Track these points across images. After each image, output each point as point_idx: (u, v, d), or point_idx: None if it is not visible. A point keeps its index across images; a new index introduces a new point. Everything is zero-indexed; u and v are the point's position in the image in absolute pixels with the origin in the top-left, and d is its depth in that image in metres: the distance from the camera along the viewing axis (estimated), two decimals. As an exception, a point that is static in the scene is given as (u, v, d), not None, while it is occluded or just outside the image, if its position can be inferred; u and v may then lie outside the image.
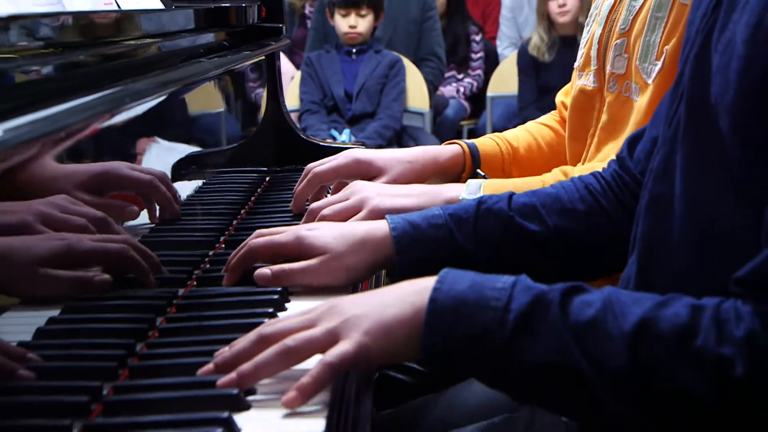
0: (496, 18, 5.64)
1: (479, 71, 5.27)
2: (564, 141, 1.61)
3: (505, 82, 4.93)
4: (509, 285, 0.87)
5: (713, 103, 0.88)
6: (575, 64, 1.55)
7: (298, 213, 1.47)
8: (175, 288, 1.14)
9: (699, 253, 0.91)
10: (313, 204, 1.35)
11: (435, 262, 1.14)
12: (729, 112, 0.85)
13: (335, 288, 1.15)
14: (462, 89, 5.23)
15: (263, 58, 1.84)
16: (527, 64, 4.59)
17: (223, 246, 1.35)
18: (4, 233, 0.88)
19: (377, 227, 1.16)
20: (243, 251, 1.16)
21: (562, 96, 1.68)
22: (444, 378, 1.37)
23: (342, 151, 1.58)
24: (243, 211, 1.54)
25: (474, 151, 1.55)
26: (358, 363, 0.87)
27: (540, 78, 4.55)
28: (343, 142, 3.87)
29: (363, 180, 1.42)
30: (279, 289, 1.12)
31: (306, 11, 5.34)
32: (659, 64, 1.32)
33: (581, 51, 1.53)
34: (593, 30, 1.49)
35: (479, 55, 5.27)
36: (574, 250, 1.21)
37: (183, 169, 1.44)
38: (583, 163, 1.48)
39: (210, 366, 0.88)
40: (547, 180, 1.37)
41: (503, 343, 0.84)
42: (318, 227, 1.19)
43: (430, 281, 0.89)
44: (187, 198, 1.46)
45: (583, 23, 1.63)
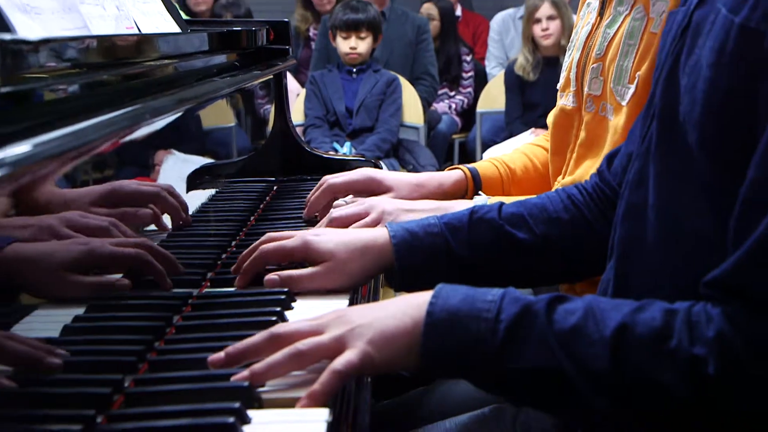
0: (484, 40, 5.64)
1: (469, 89, 5.27)
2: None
3: (493, 98, 4.93)
4: (498, 297, 0.87)
5: (682, 121, 0.88)
6: (558, 85, 1.55)
7: (307, 220, 1.47)
8: (191, 289, 1.14)
9: (671, 258, 0.91)
10: (334, 212, 1.35)
11: (431, 267, 1.14)
12: (696, 128, 0.85)
13: (338, 290, 1.16)
14: (454, 105, 5.23)
15: (271, 77, 1.85)
16: (513, 82, 4.58)
17: (235, 249, 1.34)
18: (32, 240, 0.87)
19: (378, 235, 1.16)
20: (254, 256, 1.15)
21: (551, 118, 1.68)
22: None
23: (349, 166, 1.59)
24: (252, 218, 1.54)
25: (475, 176, 1.56)
26: (363, 371, 0.88)
27: (525, 95, 4.55)
28: (344, 154, 3.87)
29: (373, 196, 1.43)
30: (286, 290, 1.12)
31: (310, 34, 5.34)
32: (632, 87, 1.32)
33: (563, 74, 1.53)
34: (573, 54, 1.49)
35: (469, 74, 5.28)
36: (558, 255, 1.21)
37: (198, 179, 1.44)
38: (564, 176, 1.49)
39: (221, 354, 0.88)
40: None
41: (495, 351, 0.85)
42: (323, 233, 1.19)
43: (426, 296, 0.90)
44: (202, 205, 1.45)
45: (565, 45, 1.63)
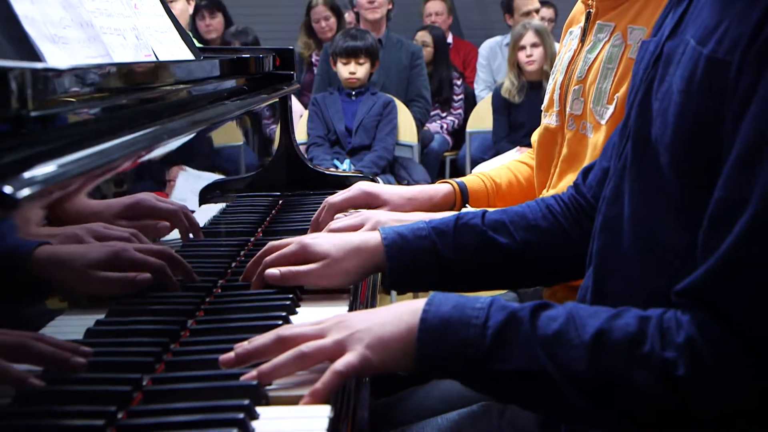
0: (474, 65, 5.62)
1: (460, 110, 5.26)
2: None
3: (482, 119, 4.91)
4: (486, 305, 0.87)
5: (654, 142, 0.88)
6: (542, 106, 1.55)
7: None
8: (203, 295, 1.14)
9: (644, 268, 0.91)
10: (332, 224, 1.35)
11: (419, 267, 1.15)
12: (667, 149, 0.85)
13: (337, 290, 1.16)
14: (445, 125, 5.22)
15: (277, 100, 1.84)
16: (500, 104, 4.57)
17: (244, 259, 1.34)
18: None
19: (371, 237, 1.17)
20: (256, 259, 1.17)
21: (536, 136, 1.69)
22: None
23: (348, 182, 1.60)
24: (260, 230, 1.54)
25: (463, 189, 1.56)
26: (362, 372, 0.88)
27: (511, 116, 4.54)
28: (344, 170, 3.86)
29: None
30: (290, 296, 1.12)
31: (313, 59, 5.32)
32: (611, 108, 1.33)
33: (547, 95, 1.53)
34: (557, 77, 1.50)
35: (460, 97, 5.26)
36: (537, 259, 1.20)
37: (209, 194, 1.44)
38: (548, 189, 1.49)
39: (231, 355, 0.89)
40: None
41: (483, 354, 0.85)
42: (319, 236, 1.20)
43: (420, 303, 0.90)
44: (213, 218, 1.46)
45: (548, 71, 1.64)
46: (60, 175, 0.71)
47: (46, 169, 0.69)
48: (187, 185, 1.32)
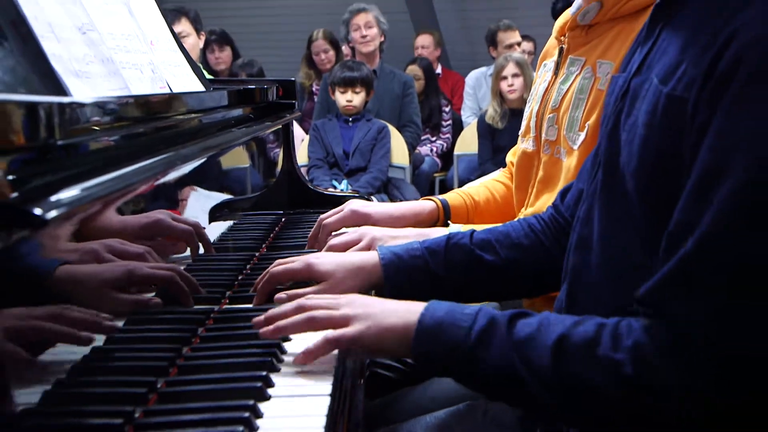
0: (461, 94, 5.62)
1: (448, 135, 5.25)
2: (513, 193, 1.63)
3: (468, 143, 4.91)
4: (474, 312, 0.90)
5: (622, 170, 0.89)
6: (519, 131, 1.56)
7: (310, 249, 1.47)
8: (212, 305, 1.14)
9: (611, 284, 0.92)
10: (332, 241, 1.35)
11: (414, 285, 1.15)
12: (633, 177, 0.86)
13: None
14: (435, 149, 5.21)
15: (280, 126, 1.84)
16: (485, 129, 4.58)
17: (250, 272, 1.34)
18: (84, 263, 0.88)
19: (370, 257, 1.17)
20: (266, 278, 1.17)
21: (510, 156, 1.68)
22: (420, 375, 1.38)
23: (346, 201, 1.60)
24: (264, 245, 1.54)
25: (446, 206, 1.57)
26: (352, 345, 0.93)
27: (494, 141, 4.54)
28: (342, 190, 3.85)
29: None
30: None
31: (313, 89, 5.32)
32: (582, 134, 1.33)
33: (524, 122, 1.54)
34: (533, 106, 1.50)
35: (448, 123, 5.26)
36: (520, 274, 1.21)
37: (218, 212, 1.44)
38: (526, 208, 1.49)
39: (261, 317, 0.97)
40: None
41: (467, 352, 0.88)
42: (323, 256, 1.20)
43: (420, 305, 0.93)
44: (221, 234, 1.46)
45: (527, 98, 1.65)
46: (84, 198, 0.71)
47: (71, 193, 0.69)
48: (198, 204, 1.32)
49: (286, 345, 0.98)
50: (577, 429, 0.93)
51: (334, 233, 1.45)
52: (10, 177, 0.62)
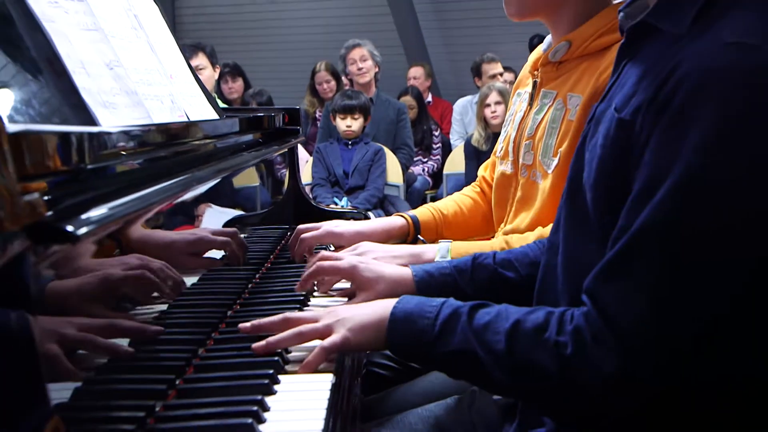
0: (449, 120, 5.62)
1: (438, 156, 5.24)
2: (480, 207, 1.62)
3: (456, 163, 4.90)
4: (439, 303, 0.92)
5: (584, 184, 0.90)
6: (498, 153, 1.55)
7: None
8: (225, 310, 1.14)
9: (570, 280, 0.93)
10: (337, 255, 1.33)
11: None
12: (590, 190, 0.87)
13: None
14: (426, 169, 5.21)
15: (286, 150, 1.84)
16: (471, 151, 4.57)
17: (258, 280, 1.34)
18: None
19: (405, 273, 1.18)
20: (312, 269, 1.19)
21: (482, 170, 1.68)
22: (412, 372, 1.39)
23: (349, 217, 1.60)
24: (272, 256, 1.54)
25: (416, 222, 1.55)
26: (342, 349, 0.94)
27: (480, 161, 4.44)
28: (342, 206, 3.87)
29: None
30: (304, 293, 1.18)
31: (317, 115, 5.32)
32: (555, 160, 1.34)
33: (501, 145, 1.53)
34: (509, 132, 1.50)
35: (438, 145, 5.26)
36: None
37: (231, 226, 1.42)
38: (505, 225, 1.49)
39: (248, 325, 0.98)
40: (494, 244, 1.36)
41: (433, 339, 0.90)
42: (366, 263, 1.21)
43: (393, 301, 0.95)
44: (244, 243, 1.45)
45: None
46: (111, 216, 0.72)
47: (99, 211, 0.70)
48: (213, 219, 1.31)
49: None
50: (527, 404, 0.95)
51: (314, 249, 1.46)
52: (45, 197, 0.62)
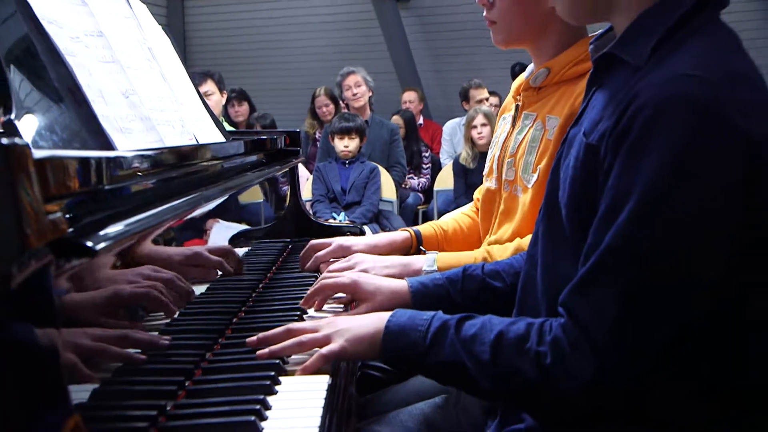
0: (439, 140, 5.64)
1: (428, 174, 5.28)
2: (476, 225, 1.62)
3: (446, 180, 4.91)
4: (430, 317, 0.92)
5: (559, 202, 0.91)
6: (485, 171, 1.58)
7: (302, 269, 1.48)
8: (231, 317, 1.14)
9: (548, 291, 0.93)
10: (332, 266, 1.35)
11: (437, 308, 1.12)
12: (564, 208, 0.88)
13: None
14: (420, 184, 5.25)
15: (287, 169, 1.84)
16: (459, 169, 4.60)
17: (262, 290, 1.34)
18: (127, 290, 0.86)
19: (401, 285, 1.19)
20: (316, 287, 1.19)
21: (477, 194, 1.69)
22: (403, 374, 1.39)
23: (343, 230, 1.59)
24: (274, 267, 1.54)
25: (419, 236, 1.56)
26: (339, 357, 0.94)
27: (467, 178, 4.55)
28: (340, 221, 3.86)
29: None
30: (301, 308, 1.16)
31: (316, 136, 5.33)
32: (535, 176, 1.35)
33: (488, 164, 1.55)
34: (495, 152, 1.52)
35: (428, 164, 5.27)
36: None
37: (236, 239, 1.43)
38: (490, 236, 1.50)
39: (254, 338, 0.97)
40: (477, 255, 1.37)
41: (424, 350, 0.89)
42: (366, 277, 1.21)
43: (387, 314, 0.95)
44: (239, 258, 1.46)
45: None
46: (127, 232, 0.72)
47: (116, 228, 0.70)
48: (221, 233, 1.32)
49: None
50: (510, 408, 0.95)
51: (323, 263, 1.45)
52: (67, 216, 0.62)
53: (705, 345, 0.80)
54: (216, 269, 1.18)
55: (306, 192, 4.16)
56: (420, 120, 5.88)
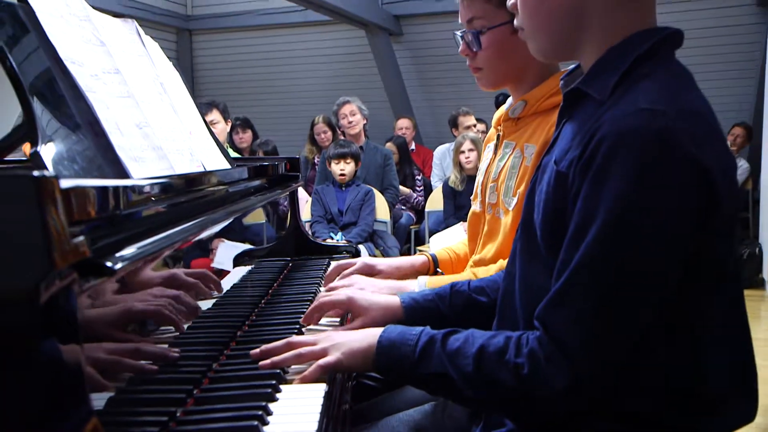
0: (430, 164, 5.64)
1: (422, 194, 5.32)
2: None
3: (436, 202, 4.90)
4: (419, 332, 0.93)
5: (534, 222, 0.92)
6: (471, 196, 1.59)
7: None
8: (235, 330, 1.14)
9: (525, 305, 0.94)
10: (332, 284, 1.36)
11: (426, 322, 1.09)
12: (539, 228, 0.90)
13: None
14: (416, 201, 5.28)
15: (288, 192, 1.85)
16: (448, 191, 4.60)
17: (264, 305, 1.34)
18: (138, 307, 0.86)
19: (394, 301, 1.19)
20: (315, 304, 1.19)
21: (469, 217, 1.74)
22: (395, 384, 1.40)
23: (339, 250, 1.59)
24: (275, 284, 1.54)
25: (435, 259, 1.59)
26: (335, 369, 0.94)
27: (456, 200, 4.55)
28: (337, 241, 3.87)
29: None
30: (300, 324, 1.15)
31: (315, 161, 5.34)
32: (515, 199, 1.37)
33: (475, 188, 1.57)
34: (479, 178, 1.54)
35: (420, 187, 5.29)
36: None
37: (241, 258, 1.42)
38: (475, 255, 1.51)
39: (257, 351, 0.97)
40: (463, 276, 1.38)
41: (414, 363, 0.90)
42: (360, 293, 1.21)
43: (380, 330, 0.96)
44: (243, 276, 1.40)
45: (480, 169, 1.67)
46: (141, 253, 0.73)
47: (131, 250, 0.72)
48: (226, 252, 1.31)
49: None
50: (493, 413, 0.96)
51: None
52: (88, 238, 0.62)
53: (667, 354, 0.83)
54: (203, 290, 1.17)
55: (305, 213, 4.15)
56: (412, 145, 5.90)
